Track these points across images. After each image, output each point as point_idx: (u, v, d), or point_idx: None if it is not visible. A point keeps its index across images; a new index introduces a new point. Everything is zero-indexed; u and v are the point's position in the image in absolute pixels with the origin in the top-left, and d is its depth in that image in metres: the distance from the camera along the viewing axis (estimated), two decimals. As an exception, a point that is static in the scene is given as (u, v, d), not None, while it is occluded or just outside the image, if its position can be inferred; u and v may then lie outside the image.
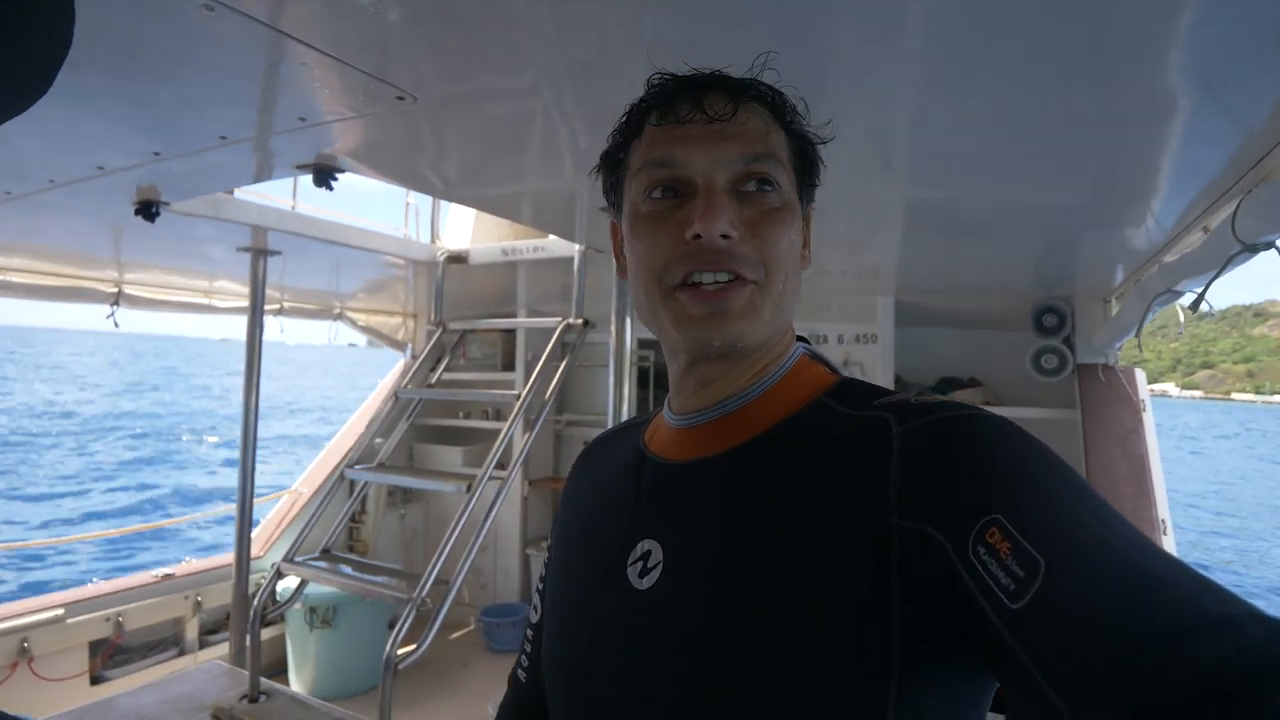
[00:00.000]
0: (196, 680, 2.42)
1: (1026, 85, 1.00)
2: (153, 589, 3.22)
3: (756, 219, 0.57)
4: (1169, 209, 1.66)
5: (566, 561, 0.68)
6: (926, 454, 0.50)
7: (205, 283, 3.44)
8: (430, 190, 1.86)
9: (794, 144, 0.61)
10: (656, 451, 0.65)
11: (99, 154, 1.45)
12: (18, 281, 2.90)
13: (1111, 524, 0.44)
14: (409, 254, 3.02)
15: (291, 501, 3.85)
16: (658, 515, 0.60)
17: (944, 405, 0.53)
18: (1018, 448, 0.49)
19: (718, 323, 0.56)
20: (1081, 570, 0.40)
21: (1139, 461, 2.53)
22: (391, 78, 1.02)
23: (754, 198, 0.57)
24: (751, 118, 0.58)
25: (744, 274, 0.56)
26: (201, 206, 2.05)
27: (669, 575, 0.57)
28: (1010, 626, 0.41)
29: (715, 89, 0.58)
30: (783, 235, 0.57)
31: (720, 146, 0.57)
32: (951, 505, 0.47)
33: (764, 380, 0.61)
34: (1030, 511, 0.44)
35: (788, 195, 0.59)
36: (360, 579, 2.08)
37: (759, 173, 0.57)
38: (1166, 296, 1.91)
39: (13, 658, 2.71)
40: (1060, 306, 2.91)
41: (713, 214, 0.55)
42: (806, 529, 0.52)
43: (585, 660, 0.61)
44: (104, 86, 1.08)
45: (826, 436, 0.56)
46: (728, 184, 0.57)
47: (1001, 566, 0.42)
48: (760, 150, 0.57)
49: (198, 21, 0.83)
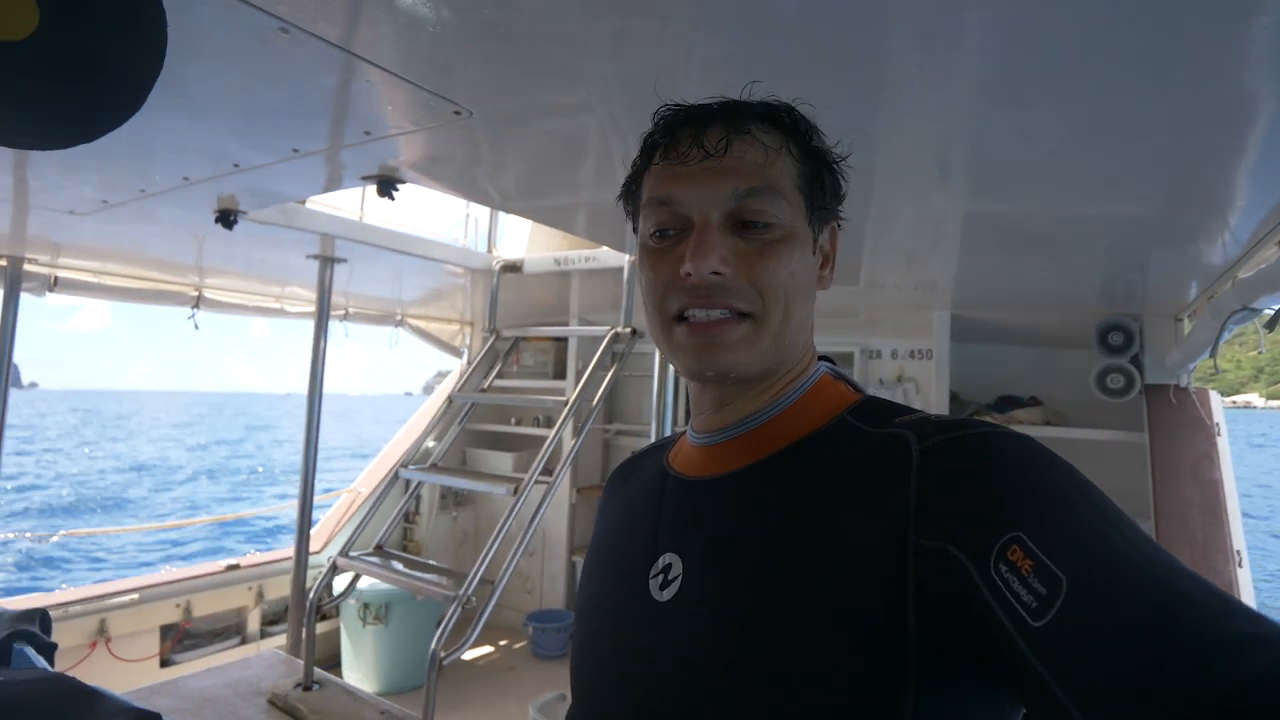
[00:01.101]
0: (256, 667, 2.54)
1: (1089, 92, 0.97)
2: (219, 578, 3.38)
3: (753, 253, 0.58)
4: (1245, 221, 1.58)
5: (597, 575, 0.70)
6: (946, 471, 0.50)
7: (277, 288, 3.63)
8: (488, 201, 1.92)
9: (805, 167, 0.60)
10: (679, 469, 0.66)
11: (185, 166, 1.56)
12: (111, 284, 3.12)
13: (1136, 541, 0.43)
14: (467, 263, 3.12)
15: (350, 500, 4.00)
16: (678, 529, 0.62)
17: (965, 423, 0.53)
18: (1039, 464, 0.49)
19: (710, 355, 0.58)
20: (1105, 587, 0.40)
21: (1212, 488, 2.39)
22: (450, 94, 1.07)
23: (750, 232, 0.58)
24: (750, 150, 0.58)
25: (738, 307, 0.57)
26: (275, 215, 2.18)
27: (687, 588, 0.58)
28: (1032, 644, 0.41)
29: (714, 121, 0.59)
30: (780, 267, 0.58)
31: (715, 183, 0.58)
32: (972, 523, 0.47)
33: (784, 399, 0.62)
34: (1052, 528, 0.44)
35: (790, 225, 0.59)
36: (409, 575, 2.15)
37: (751, 209, 0.57)
38: (1243, 314, 1.82)
39: (92, 637, 2.90)
40: (1128, 324, 2.79)
41: (701, 253, 0.56)
42: (823, 545, 0.52)
43: (608, 671, 0.62)
44: (187, 101, 1.17)
45: (846, 454, 0.56)
46: (723, 220, 0.58)
47: (1023, 584, 0.42)
48: (755, 184, 0.57)
49: (274, 43, 0.90)
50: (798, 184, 0.60)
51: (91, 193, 1.80)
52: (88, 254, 2.71)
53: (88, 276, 3.01)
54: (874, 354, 3.66)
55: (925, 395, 3.43)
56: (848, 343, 3.68)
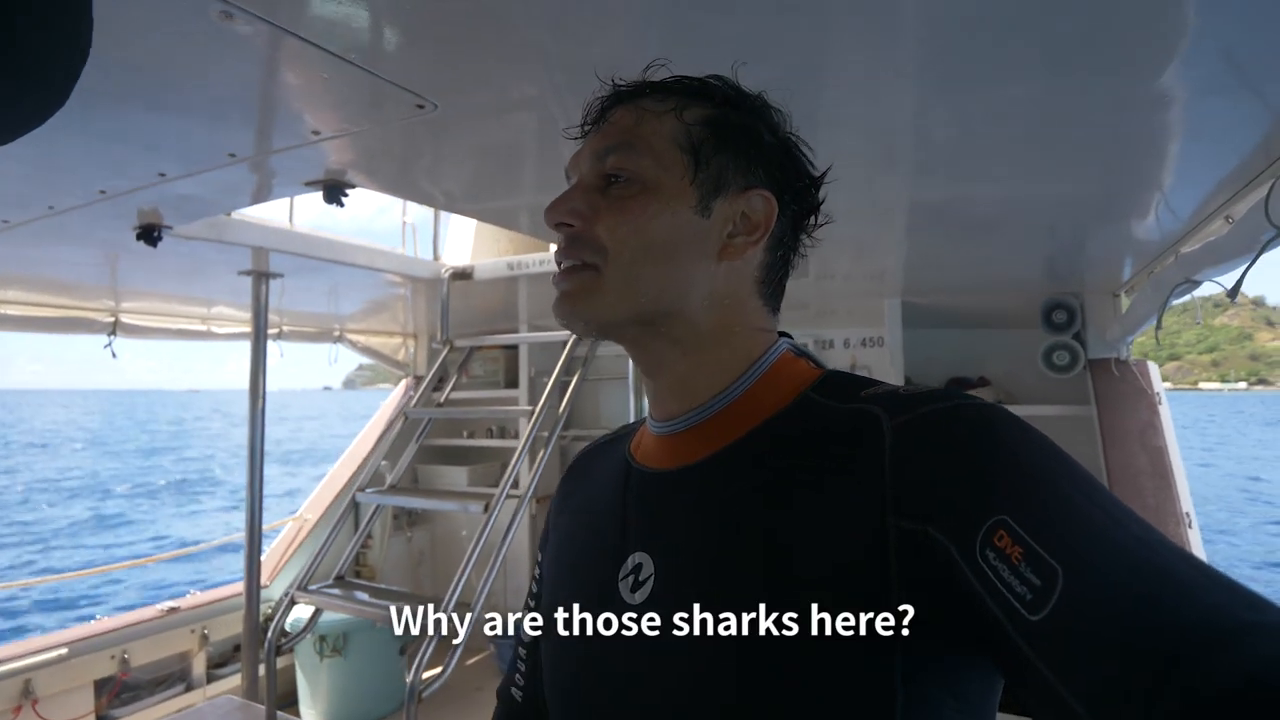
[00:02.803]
0: (210, 717, 2.35)
1: (1029, 73, 0.97)
2: (158, 624, 3.14)
3: (605, 207, 0.59)
4: (1186, 198, 1.64)
5: (561, 580, 0.67)
6: (920, 449, 0.48)
7: (203, 309, 3.40)
8: (432, 202, 1.83)
9: (698, 128, 0.59)
10: (642, 461, 0.64)
11: (101, 177, 1.41)
12: (13, 314, 2.85)
13: (1125, 522, 0.42)
14: (413, 271, 2.99)
15: (297, 528, 3.79)
16: (646, 526, 0.60)
17: (934, 395, 0.51)
18: (1013, 437, 0.47)
19: (560, 303, 0.60)
20: (1103, 578, 0.39)
21: (1158, 454, 2.50)
22: (414, 85, 0.99)
23: (612, 188, 0.59)
24: (626, 115, 0.61)
25: (583, 258, 0.59)
26: (203, 230, 2.02)
27: (660, 587, 0.56)
28: (1029, 638, 0.39)
29: (616, 98, 0.62)
30: (626, 220, 0.58)
31: (588, 148, 0.62)
32: (952, 504, 0.45)
33: (743, 380, 0.60)
34: (1039, 511, 0.42)
35: (652, 179, 0.58)
36: (377, 605, 2.03)
37: (611, 165, 0.59)
38: (1185, 287, 1.89)
39: (16, 700, 2.64)
40: (1070, 302, 2.90)
41: (553, 205, 0.60)
42: (797, 532, 0.50)
43: (584, 679, 0.60)
44: (109, 104, 1.05)
45: (813, 433, 0.54)
46: (593, 179, 0.60)
47: (1015, 573, 0.41)
48: (614, 142, 0.59)
49: (211, 29, 0.80)
50: (678, 142, 0.59)
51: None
52: (-14, 281, 2.47)
53: (-14, 306, 2.74)
54: (827, 344, 3.70)
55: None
56: (800, 335, 3.68)
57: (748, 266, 0.61)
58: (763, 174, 0.61)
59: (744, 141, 0.60)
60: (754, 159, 0.60)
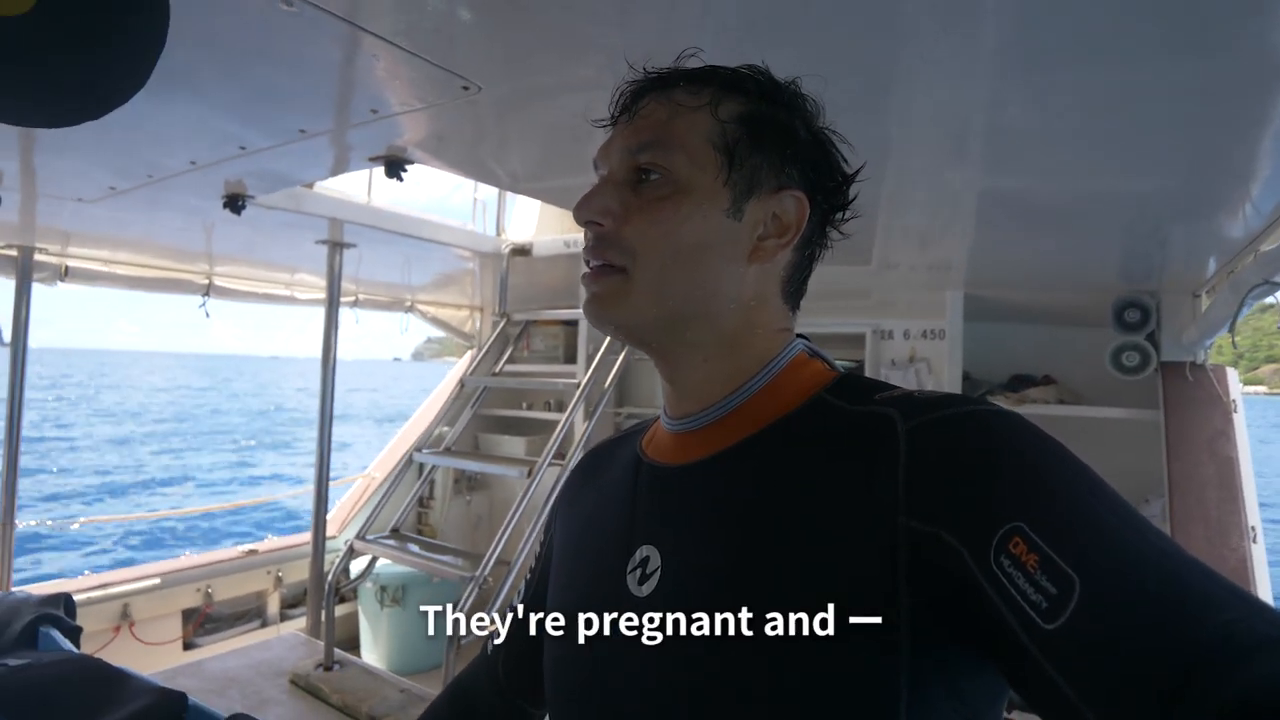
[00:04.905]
0: (277, 649, 2.57)
1: (1110, 56, 0.94)
2: (238, 563, 3.43)
3: (637, 207, 0.57)
4: (1269, 192, 1.54)
5: (568, 571, 0.67)
6: (935, 454, 0.48)
7: (287, 275, 3.63)
8: (496, 182, 1.92)
9: (733, 125, 0.57)
10: (653, 456, 0.64)
11: (191, 149, 1.56)
12: (123, 273, 3.14)
13: (1142, 531, 0.42)
14: (475, 246, 3.11)
15: (365, 485, 4.03)
16: (654, 520, 0.60)
17: (950, 399, 0.51)
18: (1032, 445, 0.47)
19: (590, 305, 0.59)
20: (1120, 588, 0.39)
21: (1228, 465, 2.36)
22: (458, 68, 1.05)
23: (643, 186, 0.58)
24: (659, 108, 0.58)
25: (612, 261, 0.57)
26: (283, 200, 2.17)
27: (667, 581, 0.56)
28: (1043, 647, 0.39)
29: (648, 86, 0.60)
30: (657, 222, 0.56)
31: (621, 141, 0.59)
32: (966, 509, 0.45)
33: (757, 379, 0.59)
34: (1056, 519, 0.42)
35: (685, 179, 0.56)
36: (425, 557, 2.17)
37: (643, 162, 0.57)
38: (1263, 289, 1.78)
39: (116, 621, 2.94)
40: (1144, 301, 2.74)
41: (583, 202, 0.58)
42: (806, 531, 0.50)
43: (590, 672, 0.59)
44: (191, 82, 1.16)
45: (826, 434, 0.54)
46: (625, 175, 0.59)
47: (1030, 581, 0.40)
48: (646, 139, 0.57)
49: (277, 17, 0.89)
50: (712, 140, 0.57)
51: (99, 179, 1.80)
52: (97, 243, 2.73)
53: (98, 266, 3.03)
54: (886, 335, 3.63)
55: (938, 375, 3.41)
56: (859, 325, 3.64)
57: (775, 268, 0.60)
58: (796, 174, 0.59)
59: (779, 140, 0.59)
60: (788, 158, 0.59)
